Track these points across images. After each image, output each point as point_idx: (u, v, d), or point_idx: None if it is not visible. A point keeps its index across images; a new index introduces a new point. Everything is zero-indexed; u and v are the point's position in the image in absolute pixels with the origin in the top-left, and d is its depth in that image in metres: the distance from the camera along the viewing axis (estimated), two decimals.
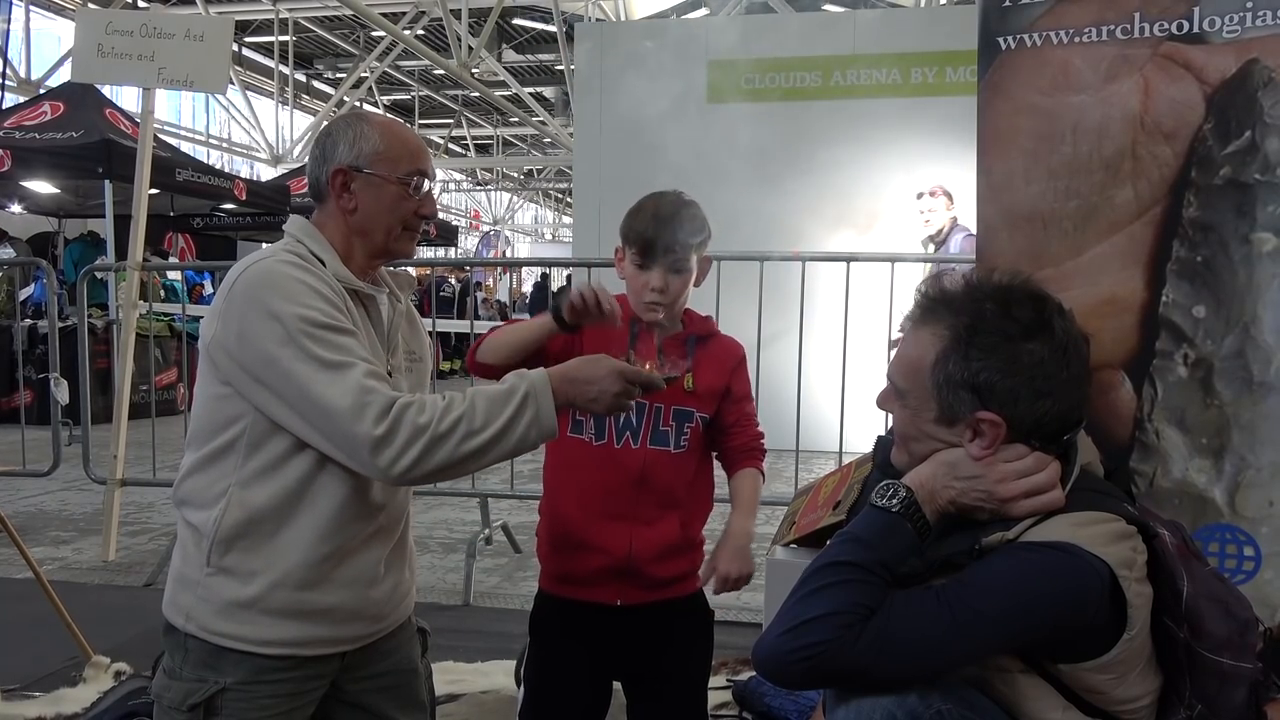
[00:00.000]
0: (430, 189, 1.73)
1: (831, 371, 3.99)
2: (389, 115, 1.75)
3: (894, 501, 1.29)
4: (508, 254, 23.67)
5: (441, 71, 18.24)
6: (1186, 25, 1.88)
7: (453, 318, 11.63)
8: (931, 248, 5.10)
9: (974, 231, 5.92)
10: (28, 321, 7.34)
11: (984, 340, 1.29)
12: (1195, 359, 1.90)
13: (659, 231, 1.94)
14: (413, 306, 1.88)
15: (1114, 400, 1.95)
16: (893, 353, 1.43)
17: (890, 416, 1.44)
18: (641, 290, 1.97)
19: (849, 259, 3.93)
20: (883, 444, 1.52)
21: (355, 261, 1.70)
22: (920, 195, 5.30)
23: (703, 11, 13.70)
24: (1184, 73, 1.89)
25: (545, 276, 12.19)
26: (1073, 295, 1.96)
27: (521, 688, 2.09)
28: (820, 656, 1.18)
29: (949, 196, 5.16)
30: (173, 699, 1.59)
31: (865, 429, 4.02)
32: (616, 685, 2.15)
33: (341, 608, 1.64)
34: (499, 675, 2.49)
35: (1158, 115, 1.91)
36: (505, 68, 17.42)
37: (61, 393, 4.45)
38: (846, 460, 3.09)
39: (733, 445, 2.14)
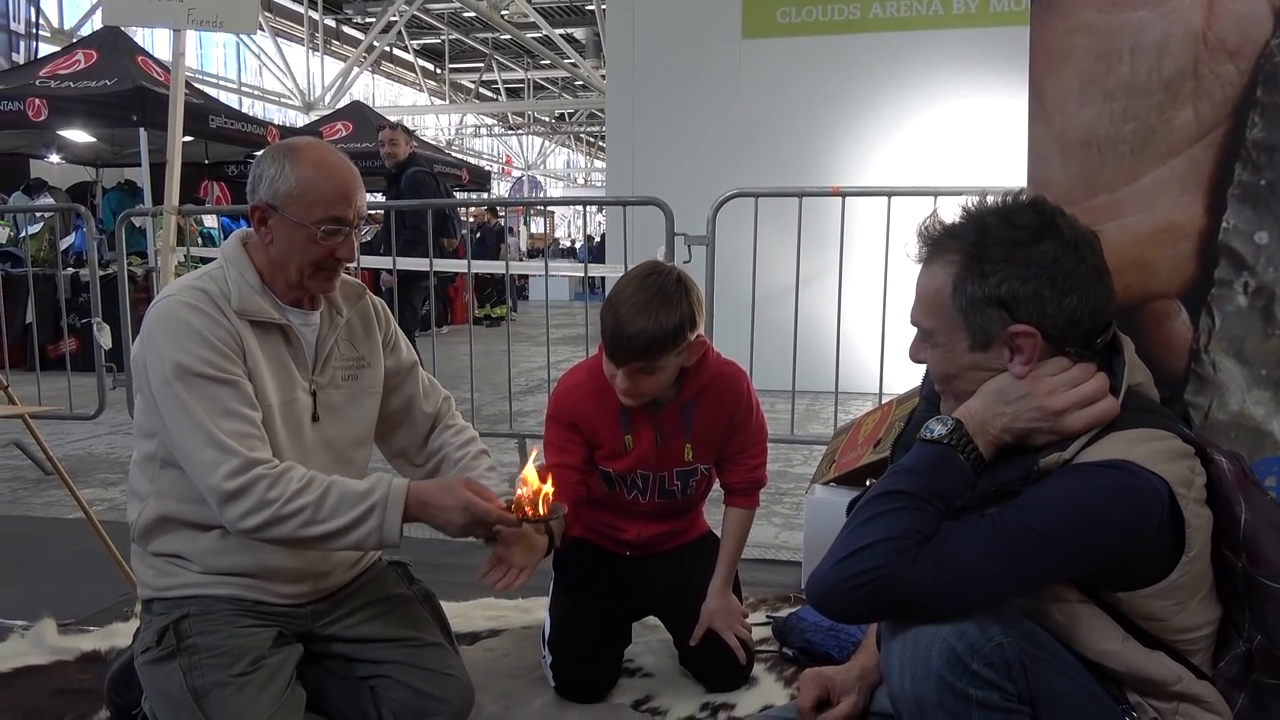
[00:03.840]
0: (348, 234, 1.74)
1: (871, 310, 3.93)
2: (325, 150, 1.75)
3: (943, 433, 1.26)
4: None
5: (472, 14, 18.02)
6: None
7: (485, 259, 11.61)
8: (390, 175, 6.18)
9: (424, 167, 6.25)
10: (70, 270, 7.43)
11: (994, 252, 1.26)
12: (1256, 287, 1.82)
13: (624, 339, 1.84)
14: (371, 307, 1.92)
15: (1169, 331, 1.89)
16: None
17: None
18: (611, 379, 1.93)
19: (889, 194, 3.83)
20: (930, 377, 1.48)
21: (278, 285, 1.77)
22: (381, 128, 6.42)
23: None
24: None
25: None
26: (1128, 222, 1.90)
27: (547, 618, 2.17)
28: (876, 582, 1.16)
29: (407, 132, 6.39)
30: (146, 641, 1.73)
31: (905, 369, 3.96)
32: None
33: (273, 568, 1.75)
34: (539, 611, 2.49)
35: (1222, 31, 1.81)
36: (535, 9, 17.15)
37: (104, 338, 4.52)
38: (886, 400, 3.05)
39: (728, 481, 2.17)
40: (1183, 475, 1.21)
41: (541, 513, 1.65)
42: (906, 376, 3.47)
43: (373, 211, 5.85)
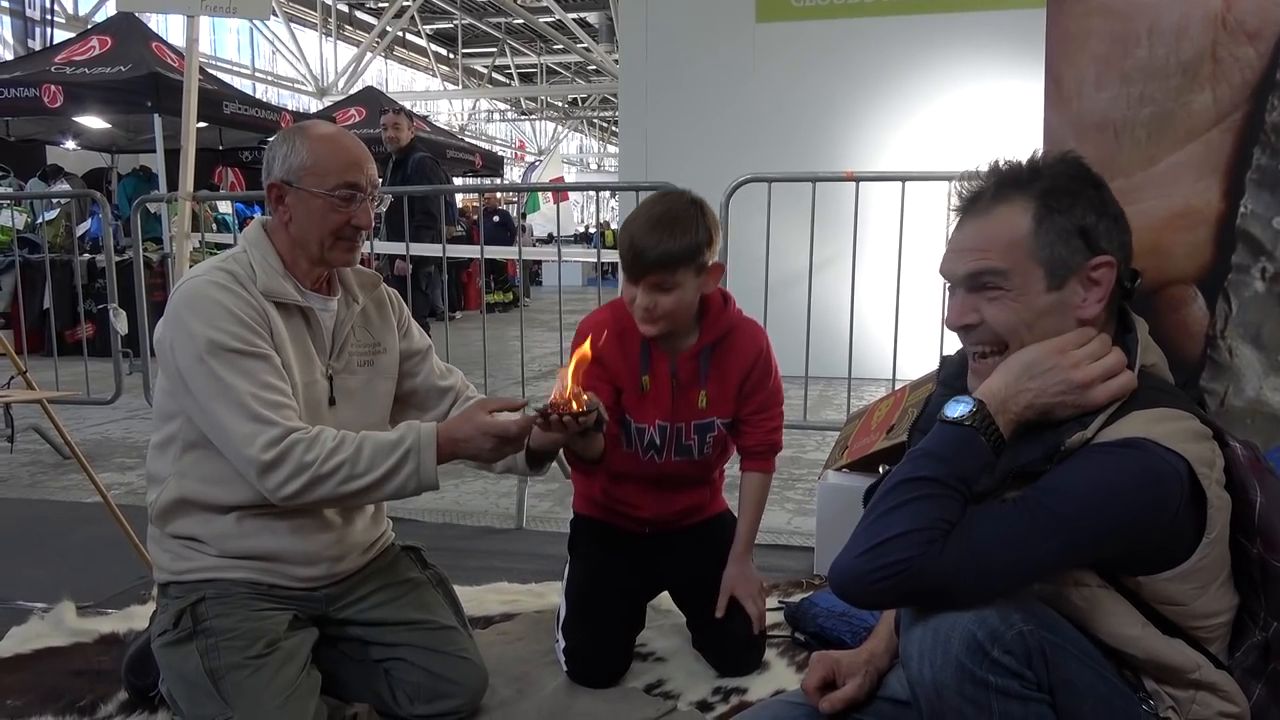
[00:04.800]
0: (363, 201, 1.77)
1: (885, 296, 3.91)
2: (333, 126, 1.83)
3: (965, 415, 1.25)
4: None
5: None
6: None
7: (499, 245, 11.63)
8: (392, 161, 6.27)
9: (427, 153, 6.31)
10: (86, 256, 7.48)
11: (1071, 186, 1.29)
12: (1274, 273, 1.81)
13: (639, 249, 1.86)
14: (385, 296, 1.97)
15: (1185, 317, 1.88)
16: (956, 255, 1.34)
17: (945, 342, 1.40)
18: (632, 301, 1.93)
19: (903, 179, 3.81)
20: (947, 362, 1.47)
21: (300, 268, 1.80)
22: (384, 111, 6.51)
23: None
24: None
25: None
26: (1145, 208, 1.89)
27: (563, 602, 2.16)
28: (903, 574, 1.15)
29: (408, 116, 6.39)
30: (162, 624, 1.75)
31: (918, 355, 3.95)
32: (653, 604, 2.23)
33: (288, 552, 1.78)
34: (552, 595, 2.51)
35: (1241, 13, 1.80)
36: None
37: (120, 323, 4.55)
38: (899, 386, 3.04)
39: (744, 444, 2.15)
40: (1204, 455, 1.20)
41: (576, 408, 1.64)
42: (920, 362, 3.46)
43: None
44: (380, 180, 1.85)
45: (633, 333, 1.97)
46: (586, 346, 1.67)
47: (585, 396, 1.66)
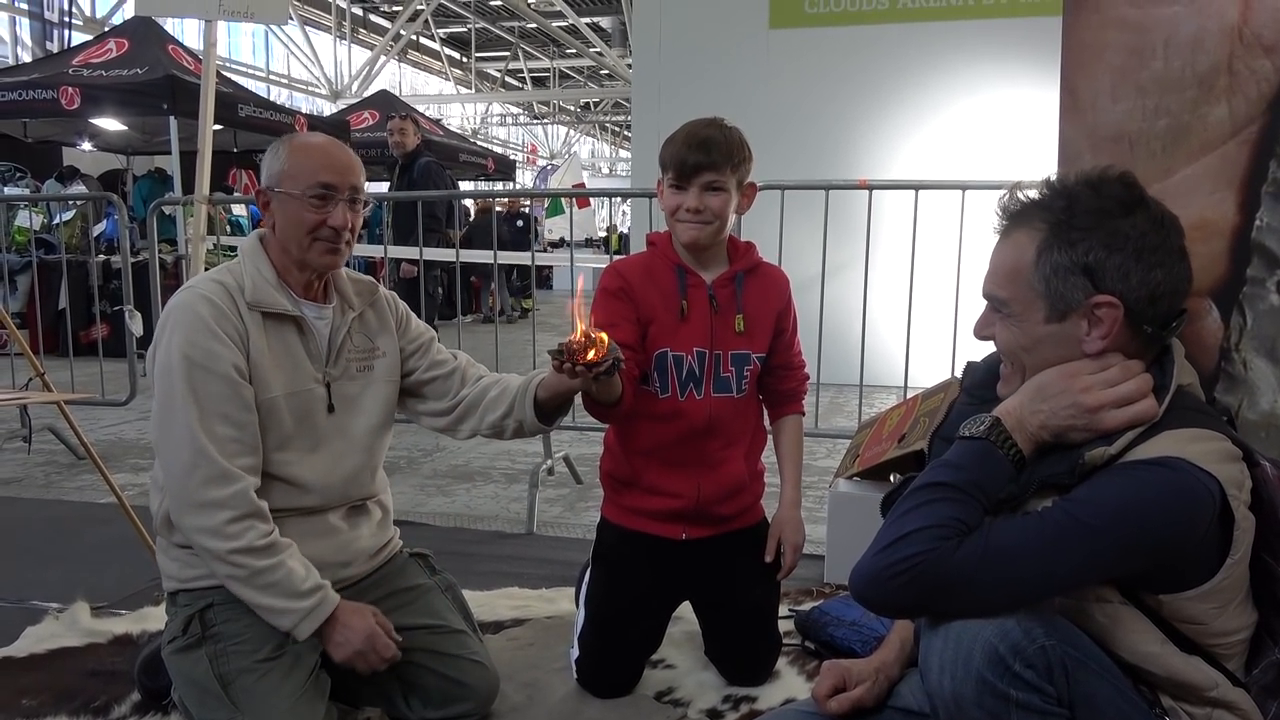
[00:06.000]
0: (339, 202, 1.78)
1: (897, 303, 3.91)
2: (318, 136, 1.87)
3: (982, 430, 1.26)
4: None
5: (498, 2, 18.02)
6: None
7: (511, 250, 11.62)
8: (399, 165, 6.39)
9: (433, 157, 6.36)
10: (101, 257, 7.53)
11: (1082, 220, 1.24)
12: None
13: (692, 151, 1.93)
14: (384, 302, 1.98)
15: (1199, 330, 1.87)
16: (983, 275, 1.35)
17: (957, 351, 1.40)
18: (677, 210, 1.96)
19: (917, 187, 3.81)
20: (971, 369, 1.47)
21: (292, 275, 1.83)
22: (391, 117, 6.68)
23: None
24: None
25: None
26: None
27: (581, 611, 2.13)
28: (919, 569, 1.16)
29: (415, 122, 6.57)
30: (172, 631, 1.77)
31: (931, 363, 3.95)
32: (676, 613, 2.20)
33: None
34: (563, 601, 2.52)
35: (1258, 26, 1.80)
36: None
37: (135, 324, 4.59)
38: (911, 395, 3.04)
39: (781, 389, 2.15)
40: (1235, 476, 1.20)
41: (593, 357, 1.60)
42: (932, 370, 3.46)
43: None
44: (381, 185, 1.87)
45: (663, 268, 1.99)
46: (583, 322, 1.63)
47: (605, 341, 1.60)
